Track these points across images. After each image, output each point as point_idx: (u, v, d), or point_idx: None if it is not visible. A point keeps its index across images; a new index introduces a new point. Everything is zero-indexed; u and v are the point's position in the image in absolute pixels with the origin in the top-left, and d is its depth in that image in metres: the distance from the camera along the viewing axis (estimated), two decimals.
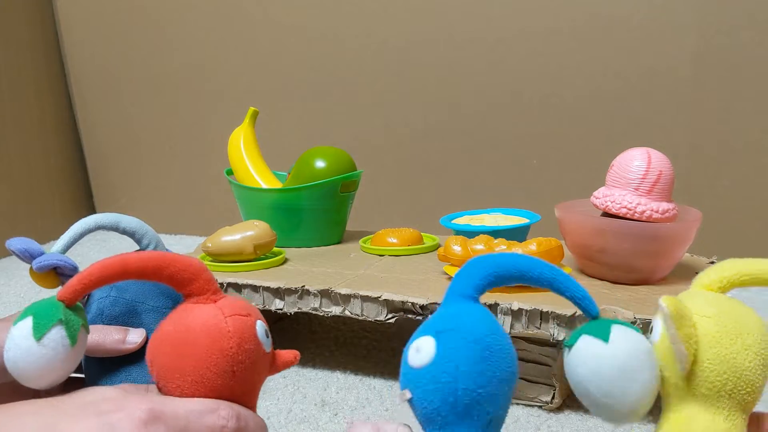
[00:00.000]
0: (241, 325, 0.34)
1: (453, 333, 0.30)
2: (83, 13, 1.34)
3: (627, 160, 0.58)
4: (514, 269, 0.32)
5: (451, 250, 0.62)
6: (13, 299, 0.96)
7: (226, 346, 0.33)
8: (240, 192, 0.82)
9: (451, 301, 0.32)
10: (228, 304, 0.35)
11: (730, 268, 0.33)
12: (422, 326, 0.32)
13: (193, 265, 0.35)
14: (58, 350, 0.31)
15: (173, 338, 0.33)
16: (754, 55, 0.89)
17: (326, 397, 0.61)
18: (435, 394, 0.29)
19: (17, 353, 0.31)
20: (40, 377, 0.32)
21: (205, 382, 0.33)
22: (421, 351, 0.30)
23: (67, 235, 0.45)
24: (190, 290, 0.35)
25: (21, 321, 0.32)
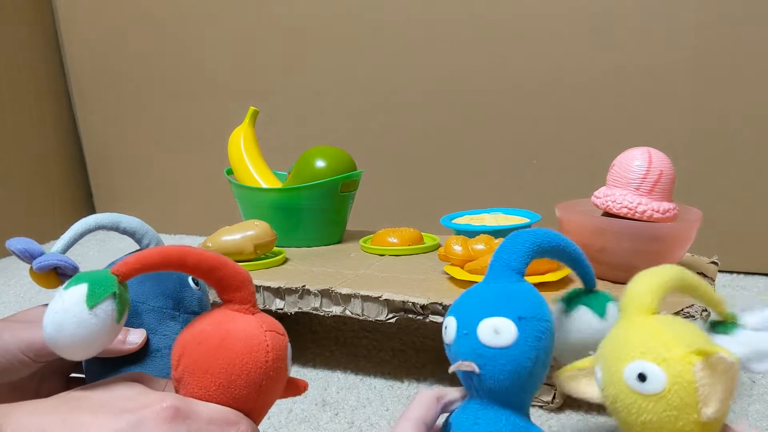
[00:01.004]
0: (278, 343, 0.35)
1: (534, 322, 0.32)
2: (83, 12, 1.34)
3: (628, 159, 0.58)
4: (553, 242, 0.36)
5: (452, 249, 0.62)
6: (12, 299, 0.96)
7: (261, 359, 0.33)
8: (240, 192, 0.82)
9: (504, 274, 0.34)
10: (267, 319, 0.35)
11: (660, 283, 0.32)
12: (484, 301, 0.33)
13: (243, 274, 0.35)
14: (106, 323, 0.31)
15: (210, 338, 0.33)
16: (754, 54, 0.89)
17: (327, 397, 0.61)
18: (510, 374, 0.32)
19: (65, 317, 0.30)
20: (78, 347, 0.31)
21: (231, 390, 0.33)
22: (501, 333, 0.32)
23: (67, 235, 0.45)
24: (233, 297, 0.35)
25: (73, 286, 0.31)
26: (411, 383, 0.64)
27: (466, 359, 0.33)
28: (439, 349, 0.71)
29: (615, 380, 0.30)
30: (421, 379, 0.64)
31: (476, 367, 0.32)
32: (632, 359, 0.30)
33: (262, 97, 1.22)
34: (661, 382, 0.29)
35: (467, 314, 0.33)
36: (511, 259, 0.35)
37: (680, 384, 0.28)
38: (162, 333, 0.42)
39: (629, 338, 0.31)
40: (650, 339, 0.30)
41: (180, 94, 1.31)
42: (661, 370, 0.29)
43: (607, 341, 0.33)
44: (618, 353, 0.31)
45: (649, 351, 0.29)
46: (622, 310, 0.32)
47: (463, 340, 0.33)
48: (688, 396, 0.28)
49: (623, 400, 0.30)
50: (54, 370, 0.45)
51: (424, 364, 0.68)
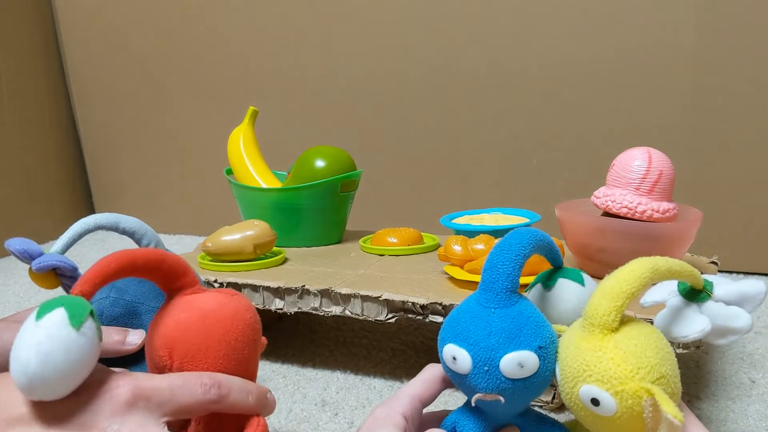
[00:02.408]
0: (246, 301, 0.38)
1: (552, 347, 0.34)
2: (83, 13, 1.34)
3: (628, 159, 0.58)
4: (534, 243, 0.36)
5: (452, 249, 0.62)
6: (12, 299, 0.96)
7: (247, 316, 0.37)
8: (240, 192, 0.82)
9: (504, 297, 0.34)
10: (218, 291, 0.38)
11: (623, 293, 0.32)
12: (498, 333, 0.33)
13: (182, 260, 0.37)
14: (94, 342, 0.30)
15: (194, 322, 0.35)
16: (754, 54, 0.89)
17: (326, 397, 0.61)
18: (532, 395, 0.34)
19: (52, 345, 0.28)
20: (70, 375, 0.29)
21: (236, 354, 0.35)
22: (527, 366, 0.33)
23: (66, 236, 0.45)
24: (183, 283, 0.36)
25: (49, 313, 0.29)
26: None
27: (488, 392, 0.33)
28: None
29: (570, 393, 0.32)
30: None
31: (502, 398, 0.33)
32: (588, 383, 0.31)
33: (261, 97, 1.22)
34: (612, 410, 0.30)
35: (484, 350, 0.33)
36: (507, 280, 0.34)
37: (629, 413, 0.30)
38: None
39: (587, 359, 0.32)
40: (607, 367, 0.31)
41: (180, 94, 1.31)
42: (614, 401, 0.30)
43: (566, 348, 0.33)
44: (575, 370, 0.32)
45: (605, 381, 0.31)
46: (585, 317, 0.33)
47: (483, 376, 0.33)
48: (636, 422, 0.30)
49: (577, 412, 0.32)
50: None
51: (424, 364, 0.67)
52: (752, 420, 0.55)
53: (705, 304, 0.36)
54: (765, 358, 0.68)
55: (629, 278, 0.32)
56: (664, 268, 0.33)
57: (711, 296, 0.36)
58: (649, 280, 0.32)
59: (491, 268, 0.35)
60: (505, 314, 0.34)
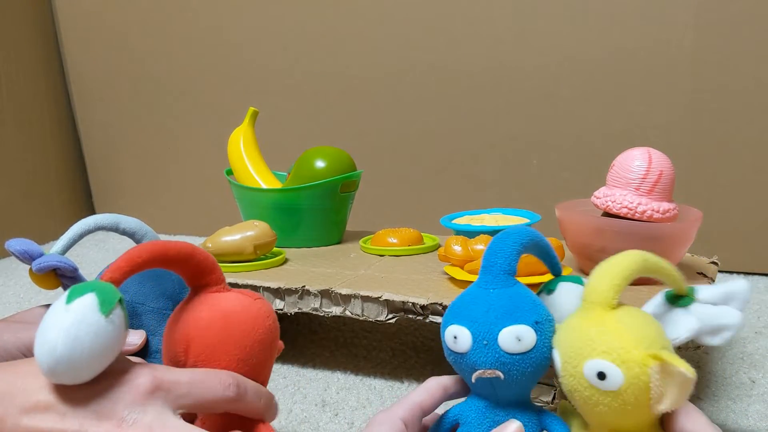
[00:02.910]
0: (269, 305, 0.38)
1: (547, 323, 0.35)
2: (83, 13, 1.34)
3: (628, 159, 0.58)
4: (532, 238, 0.38)
5: (452, 250, 0.62)
6: (12, 299, 0.96)
7: (267, 323, 0.37)
8: (240, 192, 0.82)
9: (501, 278, 0.36)
10: (242, 291, 0.38)
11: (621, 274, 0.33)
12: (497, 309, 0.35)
13: (211, 257, 0.37)
14: (121, 329, 0.30)
15: (214, 321, 0.35)
16: (754, 54, 0.89)
17: (327, 398, 0.61)
18: (531, 375, 0.35)
19: (80, 329, 0.28)
20: (96, 360, 0.29)
21: (251, 359, 0.35)
22: (523, 340, 0.34)
23: (66, 236, 0.45)
24: (209, 280, 0.37)
25: (79, 298, 0.29)
26: (411, 383, 0.64)
27: (488, 368, 0.34)
28: (439, 349, 0.71)
29: (574, 373, 0.32)
30: (421, 379, 0.64)
31: (501, 374, 0.34)
32: (593, 357, 0.31)
33: (261, 98, 1.22)
34: (619, 382, 0.30)
35: (483, 324, 0.35)
36: (504, 262, 0.36)
37: (636, 384, 0.30)
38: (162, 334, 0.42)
39: (590, 334, 0.32)
40: (611, 339, 0.31)
41: (180, 95, 1.31)
42: (620, 371, 0.30)
43: (567, 331, 0.34)
44: (578, 348, 0.32)
45: (610, 351, 0.31)
46: (584, 300, 0.34)
47: (483, 351, 0.34)
48: (642, 394, 0.30)
49: (581, 392, 0.32)
50: None
51: (424, 364, 0.68)
52: (752, 420, 0.55)
53: (690, 307, 0.37)
54: (765, 358, 0.68)
55: (625, 261, 0.33)
56: (654, 260, 0.35)
57: (695, 299, 0.37)
58: (642, 265, 0.34)
59: (490, 254, 0.37)
60: (503, 293, 0.35)
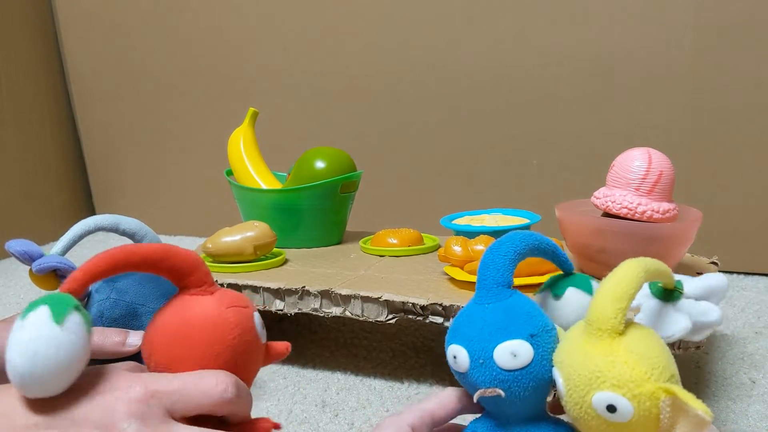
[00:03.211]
0: (241, 316, 0.35)
1: (545, 335, 0.34)
2: (82, 13, 1.34)
3: (628, 160, 0.58)
4: (529, 243, 0.37)
5: (452, 250, 0.62)
6: (12, 300, 0.96)
7: (228, 337, 0.33)
8: (240, 193, 0.82)
9: (495, 291, 0.35)
10: (226, 296, 0.35)
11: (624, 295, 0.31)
12: (491, 325, 0.34)
13: (192, 257, 0.35)
14: (80, 335, 0.29)
15: (173, 330, 0.33)
16: (754, 54, 0.89)
17: (327, 398, 0.61)
18: (533, 390, 0.33)
19: (38, 344, 0.28)
20: (60, 372, 0.29)
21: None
22: (519, 355, 0.33)
23: (66, 237, 0.45)
24: (188, 282, 0.35)
25: (32, 312, 0.29)
26: (411, 384, 0.64)
27: (487, 387, 0.34)
28: (439, 349, 0.71)
29: (581, 402, 0.31)
30: (421, 379, 0.64)
31: (501, 392, 0.33)
32: (603, 389, 0.30)
33: (261, 98, 1.22)
34: (629, 415, 0.30)
35: (477, 342, 0.34)
36: (497, 275, 0.35)
37: (646, 416, 0.30)
38: None
39: (599, 365, 0.31)
40: (622, 371, 0.30)
41: (180, 95, 1.31)
42: (631, 405, 0.30)
43: (571, 355, 0.32)
44: (586, 377, 0.31)
45: (621, 385, 0.30)
46: (588, 322, 0.32)
47: (480, 369, 0.34)
48: (651, 425, 0.30)
49: (587, 421, 0.31)
50: None
51: (424, 364, 0.68)
52: (753, 420, 0.55)
53: (679, 303, 0.37)
54: (765, 358, 0.68)
55: (627, 279, 0.32)
56: (653, 267, 0.34)
57: (683, 294, 0.37)
58: (643, 279, 0.32)
59: (483, 267, 0.36)
60: (497, 308, 0.34)
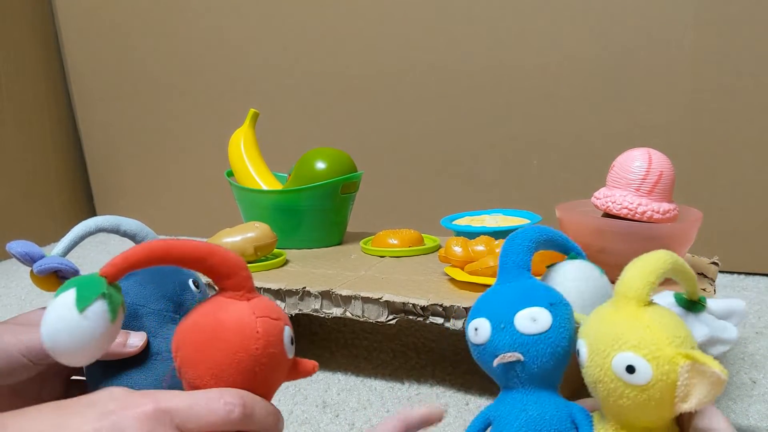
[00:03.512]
0: (270, 328, 0.35)
1: (563, 306, 0.36)
2: (83, 13, 1.34)
3: (628, 160, 0.58)
4: (545, 234, 0.40)
5: (452, 251, 0.62)
6: (14, 301, 0.96)
7: (252, 347, 0.33)
8: (240, 193, 0.82)
9: (516, 273, 0.38)
10: (260, 304, 0.35)
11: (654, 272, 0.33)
12: (512, 296, 0.37)
13: (233, 260, 0.35)
14: (98, 324, 0.31)
15: (203, 329, 0.34)
16: (754, 53, 0.89)
17: (327, 399, 0.61)
18: (551, 356, 0.35)
19: (59, 324, 0.30)
20: (76, 351, 0.31)
21: (226, 378, 0.33)
22: (538, 320, 0.35)
23: (67, 238, 0.45)
24: (226, 285, 0.35)
25: (64, 292, 0.31)
26: (411, 384, 0.64)
27: (507, 351, 0.35)
28: (439, 350, 0.71)
29: (601, 363, 0.32)
30: (421, 380, 0.64)
31: (521, 356, 0.35)
32: (624, 350, 0.32)
33: (262, 99, 1.22)
34: (648, 377, 0.31)
35: (499, 311, 0.36)
36: (517, 259, 0.38)
37: (664, 381, 0.31)
38: (163, 336, 0.42)
39: (623, 327, 0.32)
40: (644, 334, 0.31)
41: (180, 95, 1.31)
42: (650, 367, 0.31)
43: (596, 322, 0.34)
44: (609, 339, 0.32)
45: (642, 346, 0.31)
46: (616, 294, 0.34)
47: (500, 335, 0.36)
48: (668, 391, 0.31)
49: (606, 384, 0.32)
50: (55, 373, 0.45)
51: (424, 365, 0.68)
52: (753, 420, 0.55)
53: (701, 315, 0.39)
54: (766, 358, 0.68)
55: (658, 259, 0.34)
56: (681, 263, 0.35)
57: (705, 307, 0.39)
58: (672, 266, 0.34)
59: (504, 254, 0.39)
60: (519, 284, 0.38)
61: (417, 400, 0.60)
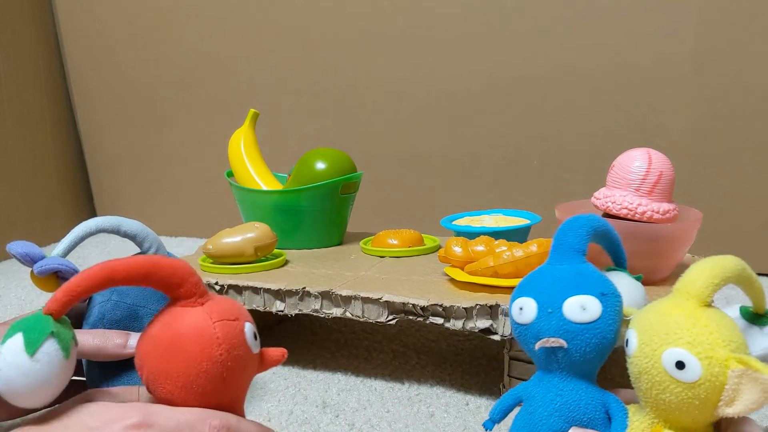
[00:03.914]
0: (230, 331, 0.34)
1: (613, 297, 0.36)
2: (83, 13, 1.34)
3: (627, 160, 0.58)
4: (603, 226, 0.40)
5: (452, 251, 0.62)
6: (14, 302, 0.96)
7: (215, 353, 0.33)
8: (240, 194, 0.82)
9: (570, 255, 0.38)
10: (216, 307, 0.35)
11: (720, 275, 0.33)
12: (564, 281, 0.36)
13: (180, 269, 0.35)
14: (53, 364, 0.31)
15: (163, 343, 0.33)
16: (754, 54, 0.89)
17: (327, 399, 0.61)
18: (596, 347, 0.35)
19: (11, 372, 0.30)
20: (35, 395, 0.31)
21: (195, 388, 0.33)
22: (588, 309, 0.35)
23: (68, 239, 0.45)
24: (178, 293, 0.34)
25: (10, 339, 0.31)
26: (412, 385, 0.64)
27: (552, 336, 0.35)
28: (439, 350, 0.71)
29: (651, 355, 0.32)
30: (421, 380, 0.64)
31: (564, 343, 0.35)
32: (677, 345, 0.31)
33: (262, 99, 1.22)
34: (696, 375, 0.31)
35: (549, 294, 0.36)
36: (575, 241, 0.38)
37: (712, 382, 0.30)
38: None
39: (679, 322, 0.32)
40: (700, 332, 0.31)
41: (181, 96, 1.31)
42: (701, 366, 0.30)
43: (652, 314, 0.34)
44: (663, 332, 0.32)
45: (696, 344, 0.31)
46: (677, 290, 0.34)
47: (547, 319, 0.35)
48: (714, 393, 0.31)
49: (653, 376, 0.32)
50: None
51: (424, 365, 0.68)
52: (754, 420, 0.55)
53: (766, 328, 0.39)
54: None
55: (727, 264, 0.33)
56: (749, 273, 0.35)
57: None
58: (740, 273, 0.34)
59: (561, 233, 0.38)
60: (571, 268, 0.37)
61: (417, 400, 0.60)
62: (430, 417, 0.57)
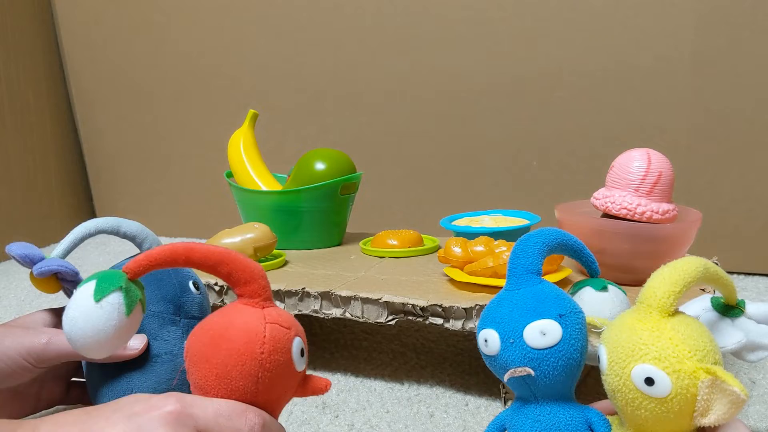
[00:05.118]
0: (278, 335, 0.35)
1: (573, 316, 0.35)
2: (83, 14, 1.34)
3: (627, 160, 0.58)
4: (558, 238, 0.39)
5: (452, 251, 0.62)
6: (13, 303, 0.96)
7: (257, 350, 0.34)
8: (240, 194, 0.82)
9: (525, 278, 0.37)
10: (274, 313, 0.36)
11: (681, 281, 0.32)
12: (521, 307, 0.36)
13: (251, 269, 0.36)
14: (112, 315, 0.33)
15: (213, 329, 0.34)
16: (754, 54, 0.89)
17: (327, 399, 0.61)
18: (563, 369, 0.35)
19: (75, 312, 0.32)
20: (92, 341, 0.32)
21: (229, 380, 0.33)
22: (548, 334, 0.34)
23: (67, 240, 0.45)
24: (243, 291, 0.36)
25: (86, 284, 0.33)
26: (411, 385, 0.64)
27: (518, 366, 0.35)
28: (439, 350, 0.71)
29: (621, 373, 0.32)
30: (421, 380, 0.64)
31: (531, 371, 0.34)
32: (644, 362, 0.31)
33: (261, 100, 1.22)
34: (666, 390, 0.30)
35: (508, 323, 0.35)
36: (527, 262, 0.37)
37: (683, 395, 0.30)
38: (163, 338, 0.42)
39: (644, 338, 0.31)
40: (665, 346, 0.31)
41: (180, 97, 1.31)
42: (669, 380, 0.30)
43: (618, 330, 0.33)
44: (629, 349, 0.32)
45: (662, 359, 0.30)
46: (640, 302, 0.33)
47: (510, 349, 0.35)
48: (687, 405, 0.30)
49: (625, 394, 0.32)
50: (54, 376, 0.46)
51: (424, 365, 0.68)
52: (753, 421, 0.55)
53: (738, 320, 0.38)
54: (766, 359, 0.68)
55: (686, 268, 0.33)
56: (713, 270, 0.34)
57: (744, 312, 0.38)
58: (702, 275, 0.33)
59: (513, 256, 0.38)
60: (527, 292, 0.36)
61: (417, 400, 0.60)
62: (429, 417, 0.57)
